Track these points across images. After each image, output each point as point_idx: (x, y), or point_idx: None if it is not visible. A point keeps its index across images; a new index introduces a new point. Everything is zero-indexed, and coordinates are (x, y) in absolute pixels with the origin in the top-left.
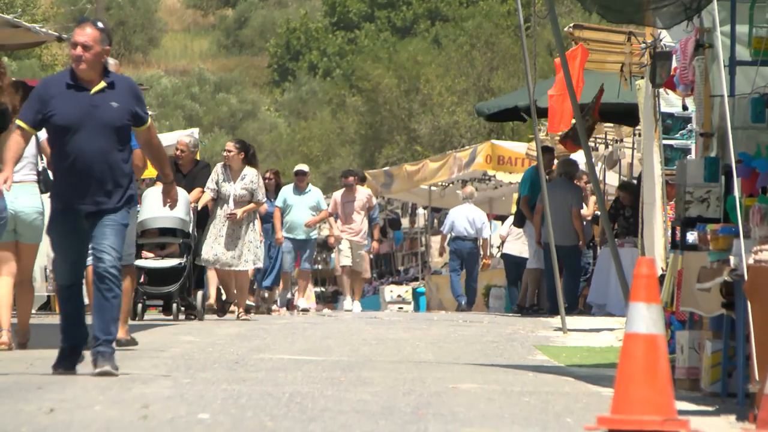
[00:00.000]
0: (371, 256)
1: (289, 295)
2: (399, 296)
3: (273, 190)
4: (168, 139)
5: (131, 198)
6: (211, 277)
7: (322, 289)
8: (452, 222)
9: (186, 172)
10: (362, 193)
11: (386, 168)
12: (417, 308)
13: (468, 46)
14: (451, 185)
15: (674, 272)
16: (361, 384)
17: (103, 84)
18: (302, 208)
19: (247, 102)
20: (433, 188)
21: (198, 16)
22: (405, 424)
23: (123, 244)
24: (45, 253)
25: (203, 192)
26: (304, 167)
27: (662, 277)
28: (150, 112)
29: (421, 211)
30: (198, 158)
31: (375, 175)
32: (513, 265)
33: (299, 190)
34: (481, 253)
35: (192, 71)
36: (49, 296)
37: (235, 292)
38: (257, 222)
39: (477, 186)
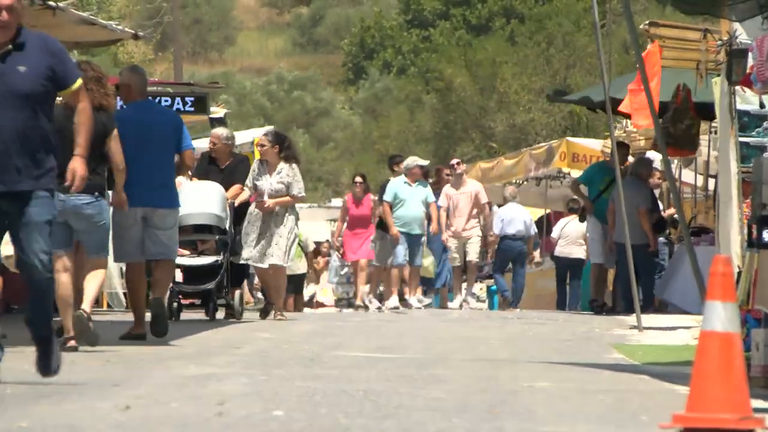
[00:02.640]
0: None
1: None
2: (474, 294)
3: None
4: (243, 137)
5: (51, 178)
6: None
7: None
8: (505, 222)
9: (223, 166)
10: (472, 186)
11: None
12: (491, 306)
13: (544, 44)
14: (525, 183)
15: (750, 270)
16: (436, 381)
17: (8, 47)
18: (415, 201)
19: (321, 100)
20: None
21: (273, 14)
22: (480, 422)
23: (50, 240)
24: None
25: (242, 188)
26: (420, 161)
27: (739, 275)
28: (225, 110)
29: (495, 208)
30: (235, 152)
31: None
32: (564, 266)
33: (410, 183)
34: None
35: (268, 69)
36: (124, 293)
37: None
38: (293, 219)
39: (551, 184)
